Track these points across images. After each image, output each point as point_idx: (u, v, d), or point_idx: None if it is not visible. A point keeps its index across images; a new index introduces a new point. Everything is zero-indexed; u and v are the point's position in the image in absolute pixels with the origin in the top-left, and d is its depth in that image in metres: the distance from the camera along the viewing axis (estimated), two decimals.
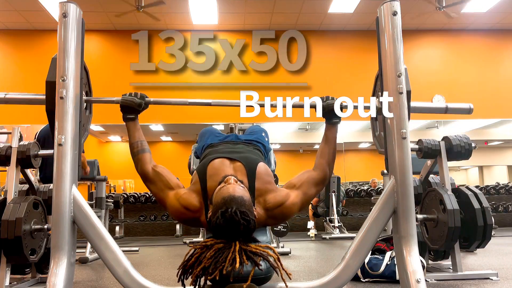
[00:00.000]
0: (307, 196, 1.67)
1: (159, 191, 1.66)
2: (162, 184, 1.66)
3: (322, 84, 7.33)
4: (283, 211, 1.62)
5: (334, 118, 1.71)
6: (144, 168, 1.68)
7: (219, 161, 1.71)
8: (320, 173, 1.70)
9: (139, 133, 1.72)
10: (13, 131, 2.61)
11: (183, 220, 1.68)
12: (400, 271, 1.55)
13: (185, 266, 1.38)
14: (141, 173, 1.69)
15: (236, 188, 1.48)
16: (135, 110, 1.68)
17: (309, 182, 1.68)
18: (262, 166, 1.73)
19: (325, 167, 1.71)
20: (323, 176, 1.70)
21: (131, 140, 1.71)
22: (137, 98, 1.67)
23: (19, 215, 2.20)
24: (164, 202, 1.65)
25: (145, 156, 1.69)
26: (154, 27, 7.14)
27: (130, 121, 1.71)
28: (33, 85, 6.96)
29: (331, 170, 1.73)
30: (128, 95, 1.68)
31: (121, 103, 1.67)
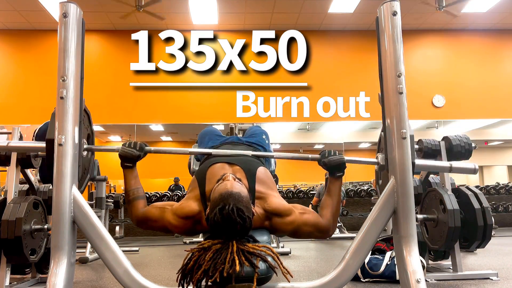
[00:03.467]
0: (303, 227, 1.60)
1: (156, 221, 1.66)
2: (155, 215, 1.66)
3: (322, 84, 7.33)
4: (278, 222, 1.60)
5: (337, 172, 1.67)
6: (136, 213, 1.68)
7: (219, 166, 1.72)
8: (326, 222, 1.63)
9: (135, 180, 1.72)
10: (13, 131, 2.62)
11: (189, 230, 1.66)
12: (400, 271, 1.55)
13: (184, 271, 1.37)
14: (135, 219, 1.69)
15: (234, 184, 1.48)
16: (133, 160, 1.68)
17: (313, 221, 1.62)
18: (262, 170, 1.72)
19: (330, 219, 1.64)
20: (327, 227, 1.63)
21: (127, 187, 1.71)
22: (136, 150, 1.67)
23: (19, 215, 2.20)
24: (166, 226, 1.65)
25: (138, 203, 1.69)
26: (154, 27, 7.14)
27: (127, 168, 1.70)
28: (33, 85, 6.98)
29: (335, 224, 1.67)
30: (128, 145, 1.67)
31: (120, 153, 1.67)
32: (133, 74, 7.19)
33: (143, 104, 7.12)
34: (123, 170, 1.71)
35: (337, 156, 1.65)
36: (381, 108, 1.68)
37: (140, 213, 1.68)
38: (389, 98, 1.61)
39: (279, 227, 1.61)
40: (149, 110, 7.13)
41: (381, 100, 1.68)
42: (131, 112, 7.10)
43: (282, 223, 1.60)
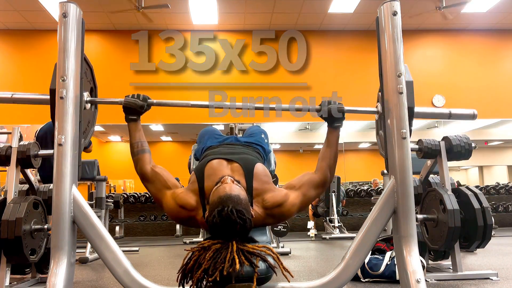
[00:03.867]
0: (306, 197, 1.67)
1: (156, 191, 1.68)
2: (160, 184, 1.67)
3: (322, 84, 7.33)
4: (282, 211, 1.62)
5: (336, 122, 1.71)
6: (143, 168, 1.69)
7: (217, 162, 1.72)
8: (321, 176, 1.70)
9: (140, 133, 1.74)
10: (13, 131, 2.61)
11: (179, 219, 1.68)
12: (400, 271, 1.55)
13: (185, 270, 1.38)
14: (140, 173, 1.70)
15: (233, 187, 1.48)
16: (137, 111, 1.70)
17: (309, 184, 1.69)
18: (260, 167, 1.73)
19: (326, 171, 1.71)
20: (324, 179, 1.70)
21: (131, 140, 1.73)
22: (140, 100, 1.69)
23: (19, 215, 2.20)
24: (161, 201, 1.67)
25: (144, 156, 1.71)
26: (154, 27, 7.14)
27: (132, 122, 1.73)
28: (33, 85, 6.97)
29: (332, 173, 1.73)
30: (131, 96, 1.70)
31: (124, 104, 1.69)
32: (133, 74, 7.20)
33: None
34: (128, 124, 1.73)
35: (337, 105, 1.69)
36: (381, 108, 1.68)
37: (148, 169, 1.69)
38: (389, 98, 1.61)
39: (285, 214, 1.64)
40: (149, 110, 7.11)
41: (381, 100, 1.68)
42: None
43: (285, 210, 1.62)
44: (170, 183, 1.68)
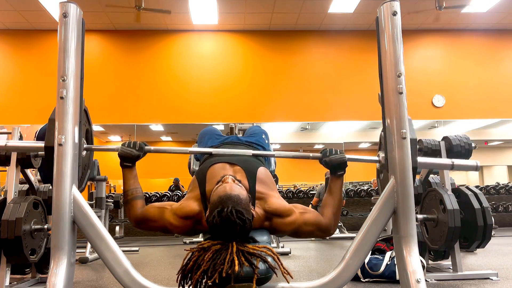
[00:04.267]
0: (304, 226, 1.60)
1: (156, 223, 1.65)
2: (155, 215, 1.65)
3: (322, 84, 7.33)
4: (278, 222, 1.60)
5: (338, 171, 1.67)
6: (134, 213, 1.67)
7: (219, 166, 1.72)
8: (327, 221, 1.63)
9: (134, 180, 1.71)
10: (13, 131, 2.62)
11: (188, 231, 1.66)
12: (400, 271, 1.55)
13: (184, 271, 1.37)
14: (133, 220, 1.68)
15: (233, 187, 1.47)
16: (133, 160, 1.68)
17: (314, 219, 1.62)
18: (263, 170, 1.72)
19: (331, 217, 1.64)
20: (328, 226, 1.63)
21: (125, 187, 1.70)
22: (136, 150, 1.66)
23: (19, 215, 2.20)
24: (166, 226, 1.64)
25: (137, 203, 1.68)
26: (154, 27, 7.15)
27: (127, 168, 1.70)
28: (33, 85, 6.98)
29: (337, 222, 1.67)
30: (127, 145, 1.67)
31: (119, 153, 1.67)
32: (133, 74, 7.20)
33: (143, 104, 7.12)
34: (122, 170, 1.70)
35: (339, 155, 1.65)
36: (381, 108, 1.68)
37: (139, 213, 1.67)
38: (389, 98, 1.61)
39: (280, 227, 1.61)
40: (149, 110, 7.14)
41: (381, 100, 1.68)
42: (131, 112, 7.10)
43: (282, 224, 1.60)
44: (163, 206, 1.66)
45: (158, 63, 7.29)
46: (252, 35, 7.41)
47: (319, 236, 1.68)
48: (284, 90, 7.30)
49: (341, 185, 1.69)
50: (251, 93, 7.27)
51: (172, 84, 7.23)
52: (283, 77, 7.35)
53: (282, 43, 7.41)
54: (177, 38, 7.35)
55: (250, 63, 7.38)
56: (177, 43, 7.35)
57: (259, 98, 7.25)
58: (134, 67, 7.23)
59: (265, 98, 7.26)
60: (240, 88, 7.28)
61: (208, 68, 7.28)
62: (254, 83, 7.31)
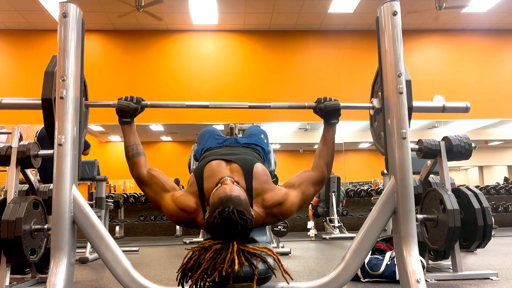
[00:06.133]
0: (305, 195, 1.68)
1: (154, 194, 1.66)
2: (157, 187, 1.66)
3: (322, 84, 7.34)
4: (282, 210, 1.62)
5: (332, 119, 1.72)
6: (139, 171, 1.67)
7: (216, 163, 1.72)
8: (319, 173, 1.72)
9: (134, 136, 1.71)
10: (13, 131, 2.61)
11: (180, 222, 1.67)
12: (400, 271, 1.55)
13: (184, 270, 1.38)
14: (136, 177, 1.68)
15: (233, 188, 1.48)
16: (131, 114, 1.67)
17: (308, 182, 1.69)
18: (259, 166, 1.73)
19: (324, 167, 1.72)
20: (322, 176, 1.72)
21: (126, 143, 1.71)
22: (133, 103, 1.66)
23: (19, 215, 2.20)
24: (160, 204, 1.65)
25: (140, 159, 1.69)
26: (154, 27, 7.15)
27: (126, 124, 1.70)
28: (34, 85, 6.96)
29: (330, 170, 1.75)
30: (124, 99, 1.67)
31: (117, 107, 1.66)
32: (133, 74, 7.20)
33: None
34: (122, 127, 1.71)
35: (333, 102, 1.69)
36: (381, 108, 1.68)
37: (144, 172, 1.67)
38: (389, 98, 1.61)
39: (285, 213, 1.64)
40: (149, 110, 7.10)
41: (381, 100, 1.68)
42: None
43: (285, 209, 1.63)
44: (168, 186, 1.67)
45: (158, 63, 7.29)
46: (252, 35, 7.41)
47: (319, 189, 1.76)
48: (284, 90, 7.30)
49: (334, 133, 1.74)
50: (251, 93, 7.27)
51: (172, 84, 7.23)
52: (283, 77, 7.35)
53: (282, 43, 7.41)
54: (177, 38, 7.35)
55: (250, 63, 7.39)
56: (177, 43, 7.35)
57: (259, 98, 7.25)
58: (134, 67, 7.24)
59: (265, 98, 7.26)
60: (240, 88, 7.28)
61: (208, 68, 7.28)
62: (254, 83, 7.31)
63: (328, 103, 1.68)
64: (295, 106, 1.77)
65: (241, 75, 7.33)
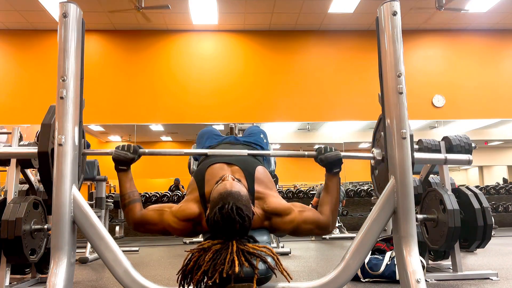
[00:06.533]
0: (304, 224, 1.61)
1: (156, 225, 1.64)
2: (155, 217, 1.64)
3: (322, 84, 7.34)
4: (278, 221, 1.60)
5: (334, 168, 1.66)
6: (134, 217, 1.66)
7: (217, 166, 1.71)
8: (325, 219, 1.64)
9: (130, 183, 1.69)
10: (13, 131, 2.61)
11: (188, 232, 1.65)
12: (400, 271, 1.55)
13: (185, 271, 1.37)
14: (133, 223, 1.67)
15: (234, 184, 1.48)
16: (127, 163, 1.66)
17: (313, 217, 1.63)
18: (261, 169, 1.72)
19: (329, 215, 1.65)
20: (327, 223, 1.64)
21: (122, 191, 1.69)
22: (130, 153, 1.64)
23: (19, 215, 2.20)
24: (166, 229, 1.63)
25: (135, 206, 1.67)
26: (154, 27, 7.15)
27: (122, 171, 1.68)
28: (33, 85, 6.98)
29: (335, 220, 1.68)
30: (121, 148, 1.65)
31: (113, 157, 1.65)
32: (133, 74, 7.20)
33: (143, 104, 7.12)
34: (118, 174, 1.69)
35: (334, 152, 1.65)
36: (381, 108, 1.68)
37: (138, 216, 1.65)
38: (389, 98, 1.61)
39: (279, 226, 1.62)
40: (149, 110, 7.14)
41: (381, 100, 1.68)
42: (131, 112, 7.10)
43: (281, 223, 1.61)
44: (163, 209, 1.65)
45: (158, 63, 7.29)
46: (252, 35, 7.41)
47: (318, 234, 1.69)
48: (284, 90, 7.30)
49: (337, 182, 1.69)
50: (251, 93, 7.27)
51: (172, 84, 7.23)
52: (283, 77, 7.35)
53: (282, 43, 7.41)
54: (177, 38, 7.35)
55: (250, 63, 7.38)
56: (177, 43, 7.35)
57: (259, 98, 7.26)
58: (134, 67, 7.24)
59: (265, 98, 7.26)
60: (240, 88, 7.28)
61: (208, 68, 7.28)
62: (254, 83, 7.31)
63: (328, 154, 1.64)
64: (295, 155, 1.75)
65: (241, 75, 7.32)
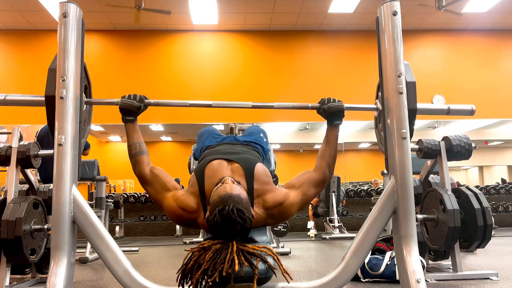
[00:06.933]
0: (306, 196, 1.68)
1: (156, 193, 1.67)
2: (159, 186, 1.66)
3: (322, 84, 7.33)
4: (282, 210, 1.62)
5: (335, 120, 1.71)
6: (142, 170, 1.68)
7: (217, 163, 1.72)
8: (320, 174, 1.71)
9: (137, 134, 1.72)
10: (13, 131, 2.61)
11: (180, 221, 1.68)
12: (400, 271, 1.55)
13: (184, 270, 1.38)
14: (139, 175, 1.69)
15: (234, 187, 1.48)
16: (134, 112, 1.67)
17: (309, 183, 1.69)
18: (260, 167, 1.72)
19: (325, 169, 1.71)
20: (323, 177, 1.71)
21: (129, 141, 1.71)
22: (136, 101, 1.66)
23: (19, 215, 2.20)
24: (161, 203, 1.66)
25: (143, 158, 1.69)
26: (154, 27, 7.15)
27: (129, 122, 1.71)
28: (34, 85, 6.97)
29: (332, 171, 1.73)
30: (127, 97, 1.67)
31: (120, 105, 1.66)
32: (133, 74, 7.20)
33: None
34: (125, 125, 1.70)
35: (336, 103, 1.68)
36: (381, 108, 1.68)
37: (147, 171, 1.67)
38: (389, 98, 1.61)
39: (285, 213, 1.64)
40: (149, 110, 7.09)
41: (381, 100, 1.68)
42: None
43: (285, 210, 1.63)
44: (170, 185, 1.67)
45: (158, 63, 7.29)
46: (252, 35, 7.41)
47: (320, 190, 1.76)
48: (284, 90, 7.30)
49: (337, 135, 1.74)
50: (251, 93, 7.27)
51: (172, 84, 7.23)
52: (283, 77, 7.35)
53: (282, 43, 7.41)
54: (177, 38, 7.35)
55: (250, 63, 7.39)
56: (177, 43, 7.35)
57: (259, 98, 7.25)
58: (134, 67, 7.24)
59: (265, 98, 7.26)
60: (240, 88, 7.28)
61: (208, 68, 7.28)
62: (254, 83, 7.31)
63: (331, 104, 1.68)
64: (298, 107, 1.77)
65: (241, 75, 7.32)
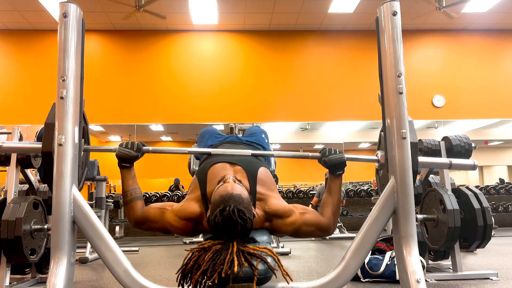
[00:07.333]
0: (304, 226, 1.61)
1: (156, 223, 1.65)
2: (155, 216, 1.64)
3: (322, 84, 7.33)
4: (279, 223, 1.60)
5: (337, 171, 1.67)
6: (135, 215, 1.66)
7: (220, 165, 1.71)
8: (327, 221, 1.64)
9: (133, 181, 1.69)
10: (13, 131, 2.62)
11: (188, 232, 1.66)
12: (400, 271, 1.55)
13: (184, 270, 1.37)
14: (133, 220, 1.67)
15: (235, 186, 1.48)
16: (131, 160, 1.66)
17: (314, 220, 1.63)
18: (263, 171, 1.72)
19: (331, 217, 1.64)
20: (328, 225, 1.64)
21: (124, 188, 1.69)
22: (133, 150, 1.64)
23: (19, 215, 2.20)
24: (167, 228, 1.64)
25: (136, 203, 1.67)
26: (154, 27, 7.15)
27: (125, 169, 1.68)
28: (33, 85, 6.98)
29: (336, 221, 1.68)
30: (125, 145, 1.65)
31: (117, 154, 1.65)
32: (133, 74, 7.20)
33: (143, 104, 7.12)
34: (121, 171, 1.69)
35: (338, 155, 1.65)
36: (381, 108, 1.68)
37: (139, 213, 1.66)
38: (389, 98, 1.61)
39: (280, 228, 1.62)
40: (149, 110, 7.14)
41: (381, 100, 1.68)
42: (131, 112, 7.10)
43: (282, 224, 1.61)
44: (164, 207, 1.66)
45: (158, 63, 7.29)
46: (252, 35, 7.41)
47: (319, 235, 1.69)
48: (284, 90, 7.30)
49: (340, 184, 1.70)
50: (251, 93, 7.27)
51: (172, 84, 7.23)
52: (283, 77, 7.35)
53: (282, 43, 7.41)
54: (177, 38, 7.35)
55: (250, 63, 7.38)
56: (177, 43, 7.35)
57: (259, 98, 7.26)
58: (134, 67, 7.24)
59: (265, 98, 7.26)
60: (240, 88, 7.28)
61: (208, 68, 7.28)
62: (254, 83, 7.31)
63: (332, 156, 1.64)
64: (299, 156, 1.75)
65: (241, 76, 7.32)
